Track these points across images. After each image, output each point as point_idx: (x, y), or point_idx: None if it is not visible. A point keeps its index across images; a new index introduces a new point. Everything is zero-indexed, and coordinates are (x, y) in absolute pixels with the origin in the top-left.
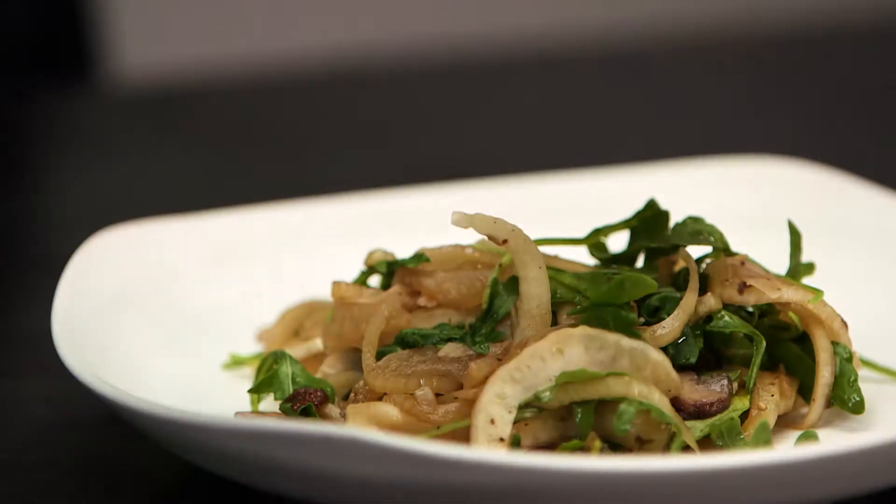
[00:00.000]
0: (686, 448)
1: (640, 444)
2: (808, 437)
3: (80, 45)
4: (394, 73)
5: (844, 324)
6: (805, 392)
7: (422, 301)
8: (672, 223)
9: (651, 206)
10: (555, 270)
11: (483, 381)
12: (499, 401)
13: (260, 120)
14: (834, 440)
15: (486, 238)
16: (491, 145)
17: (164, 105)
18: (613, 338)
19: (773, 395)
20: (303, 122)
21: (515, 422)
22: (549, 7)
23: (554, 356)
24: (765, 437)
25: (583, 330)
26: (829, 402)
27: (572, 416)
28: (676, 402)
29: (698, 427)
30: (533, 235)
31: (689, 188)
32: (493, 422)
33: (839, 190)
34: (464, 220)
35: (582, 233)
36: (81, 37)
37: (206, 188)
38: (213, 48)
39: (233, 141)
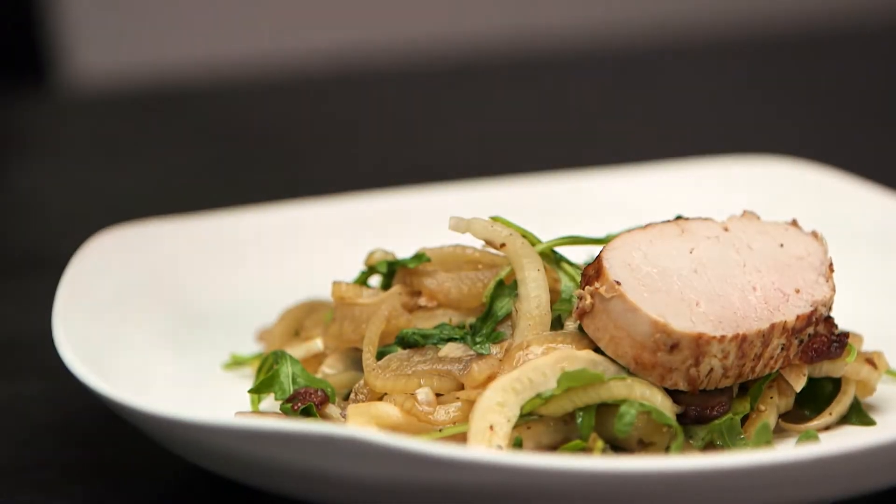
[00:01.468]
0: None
1: (642, 447)
2: (809, 437)
3: (37, 49)
4: (383, 74)
5: (874, 365)
6: (809, 399)
7: (422, 301)
8: None
9: None
10: (560, 271)
11: (485, 383)
12: (499, 408)
13: (251, 120)
14: (834, 440)
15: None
16: (492, 145)
17: (138, 106)
18: (615, 367)
19: (772, 398)
20: (299, 123)
21: (517, 425)
22: (549, 7)
23: (556, 374)
24: (766, 438)
25: (588, 354)
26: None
27: (574, 420)
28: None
29: (700, 433)
30: (534, 236)
31: (689, 188)
32: (491, 428)
33: (839, 190)
34: (461, 225)
35: (582, 232)
36: (38, 40)
37: (200, 189)
38: (182, 49)
39: (220, 141)
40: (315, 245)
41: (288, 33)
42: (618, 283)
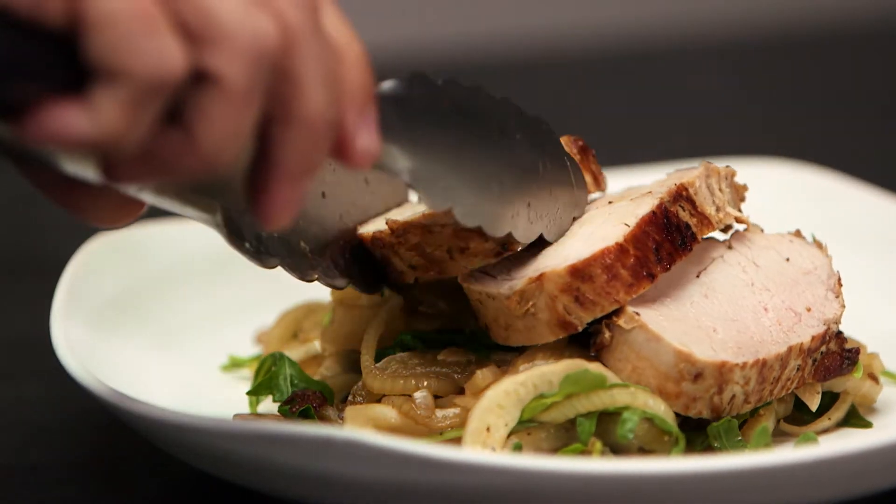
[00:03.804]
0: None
1: (643, 455)
2: (807, 439)
3: None
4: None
5: (876, 381)
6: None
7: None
8: None
9: None
10: None
11: (486, 390)
12: (498, 411)
13: None
14: (832, 443)
15: None
16: None
17: None
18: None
19: (770, 403)
20: None
21: (517, 431)
22: (548, 8)
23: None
24: (765, 441)
25: (597, 366)
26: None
27: (575, 426)
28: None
29: (699, 437)
30: None
31: None
32: (488, 430)
33: (839, 190)
34: None
35: None
36: None
37: None
38: None
39: None
40: None
41: None
42: (637, 313)
